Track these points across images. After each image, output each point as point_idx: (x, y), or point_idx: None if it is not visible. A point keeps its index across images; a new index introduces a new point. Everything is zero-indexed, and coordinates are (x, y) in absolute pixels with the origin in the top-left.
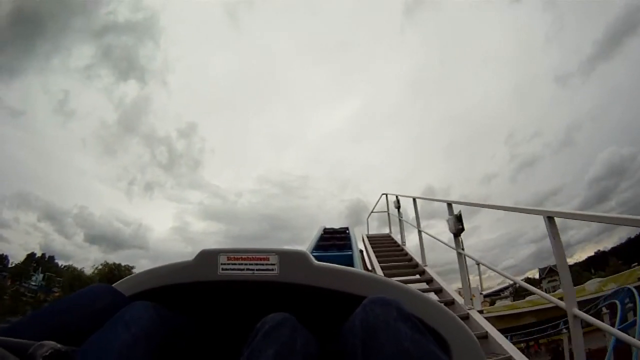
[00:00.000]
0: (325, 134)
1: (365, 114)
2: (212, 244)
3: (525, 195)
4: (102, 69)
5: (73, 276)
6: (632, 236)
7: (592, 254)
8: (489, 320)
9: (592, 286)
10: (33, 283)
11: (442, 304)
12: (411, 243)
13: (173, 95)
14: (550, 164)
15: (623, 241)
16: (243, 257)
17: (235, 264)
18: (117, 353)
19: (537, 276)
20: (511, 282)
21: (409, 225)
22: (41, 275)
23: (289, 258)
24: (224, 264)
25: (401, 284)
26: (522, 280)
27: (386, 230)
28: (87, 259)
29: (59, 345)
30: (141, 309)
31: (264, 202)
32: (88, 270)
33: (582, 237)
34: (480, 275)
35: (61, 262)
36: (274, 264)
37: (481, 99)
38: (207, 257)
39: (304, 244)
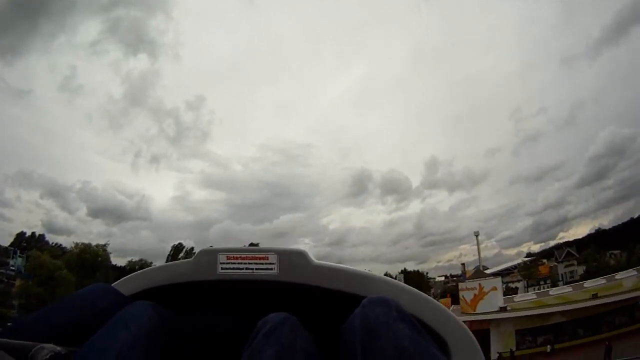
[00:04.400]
0: (329, 102)
1: (369, 84)
2: (212, 213)
3: (527, 169)
4: (110, 44)
5: (36, 264)
6: (635, 216)
7: (591, 231)
8: (511, 320)
9: (629, 281)
10: (12, 267)
11: (441, 304)
12: None
13: (182, 68)
14: (552, 140)
15: (626, 220)
16: (242, 256)
17: (234, 263)
18: (116, 353)
19: (533, 249)
20: (518, 261)
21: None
22: (20, 259)
23: (288, 257)
24: (223, 263)
25: (401, 283)
26: (524, 257)
27: None
28: (90, 233)
29: (58, 348)
30: (141, 308)
31: (266, 169)
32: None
33: (579, 211)
34: (478, 245)
35: (58, 240)
36: (273, 263)
37: (489, 75)
38: (207, 257)
39: (306, 210)
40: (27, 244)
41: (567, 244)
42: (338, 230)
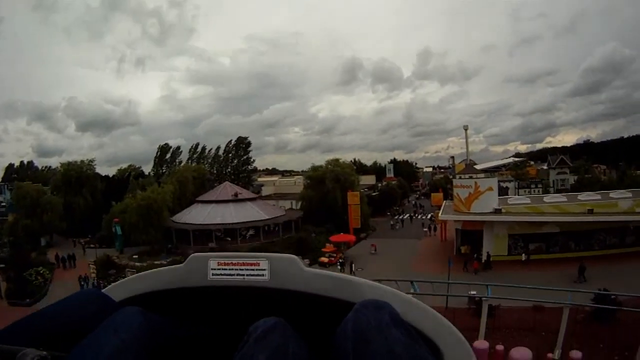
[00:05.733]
0: None
1: None
2: (201, 109)
3: (520, 71)
4: None
5: (20, 195)
6: (625, 135)
7: (579, 141)
8: (506, 224)
9: (625, 203)
10: (3, 204)
11: (435, 311)
12: None
13: None
14: (549, 46)
15: (615, 138)
16: (233, 262)
17: (225, 269)
18: (106, 359)
19: (520, 149)
20: (508, 160)
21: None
22: (9, 193)
23: (279, 263)
24: (214, 269)
25: (393, 290)
26: (512, 156)
27: None
28: (81, 148)
29: (44, 353)
30: (130, 314)
31: (253, 60)
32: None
33: (568, 119)
34: (466, 138)
35: (50, 162)
36: (264, 270)
37: None
38: (197, 262)
39: (295, 100)
40: (17, 174)
41: (561, 150)
42: (327, 118)
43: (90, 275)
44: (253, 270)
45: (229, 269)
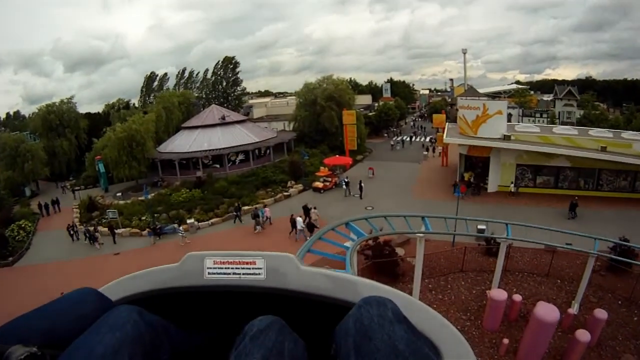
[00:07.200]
0: None
1: None
2: (194, 34)
3: None
4: None
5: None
6: (629, 77)
7: (580, 76)
8: (514, 152)
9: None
10: None
11: (434, 310)
12: None
13: None
14: None
15: (618, 79)
16: (229, 261)
17: (221, 268)
18: (100, 358)
19: (519, 78)
20: (511, 86)
21: None
22: None
23: (275, 262)
24: (210, 268)
25: (393, 289)
26: (513, 83)
27: None
28: (71, 89)
29: (34, 349)
30: (126, 313)
31: None
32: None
33: (569, 54)
34: (465, 62)
35: (32, 109)
36: (260, 268)
37: None
38: (193, 261)
39: (288, 20)
40: (5, 127)
41: (562, 83)
42: (322, 39)
43: (75, 220)
44: (249, 269)
45: (225, 268)
